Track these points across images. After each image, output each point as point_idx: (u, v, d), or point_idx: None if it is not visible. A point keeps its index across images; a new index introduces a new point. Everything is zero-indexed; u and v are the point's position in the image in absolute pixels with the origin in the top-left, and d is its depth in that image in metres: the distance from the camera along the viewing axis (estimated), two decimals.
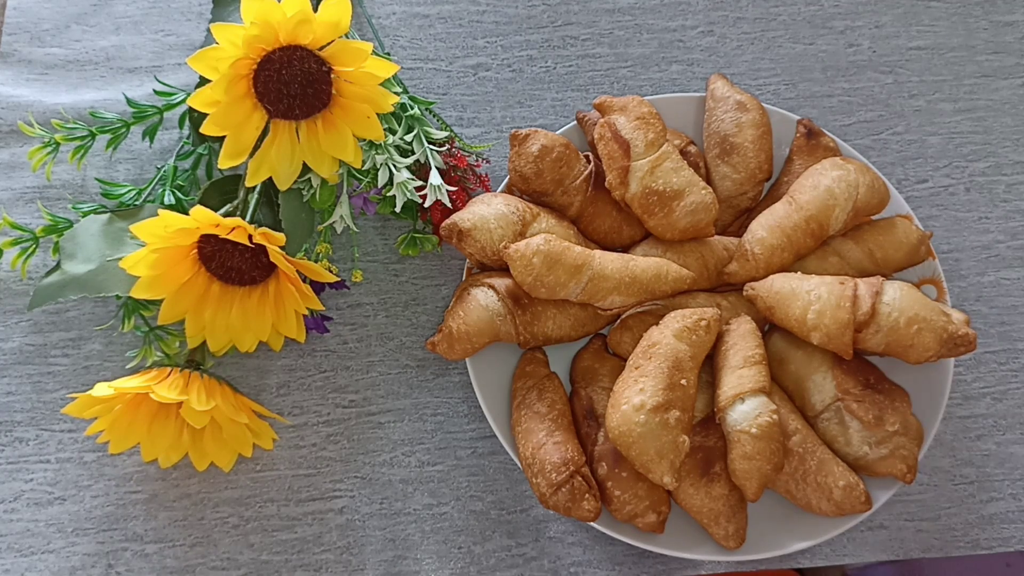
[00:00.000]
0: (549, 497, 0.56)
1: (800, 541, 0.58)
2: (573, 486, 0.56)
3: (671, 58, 0.79)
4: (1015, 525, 0.63)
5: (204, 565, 0.61)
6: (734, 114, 0.67)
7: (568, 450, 0.57)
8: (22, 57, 0.76)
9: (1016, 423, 0.66)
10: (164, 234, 0.54)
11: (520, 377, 0.62)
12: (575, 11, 0.80)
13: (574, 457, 0.56)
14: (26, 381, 0.65)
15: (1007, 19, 0.82)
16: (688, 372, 0.57)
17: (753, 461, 0.55)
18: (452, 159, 0.65)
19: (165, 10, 0.78)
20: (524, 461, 0.58)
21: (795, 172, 0.68)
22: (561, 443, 0.57)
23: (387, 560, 0.61)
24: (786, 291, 0.60)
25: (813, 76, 0.79)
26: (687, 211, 0.62)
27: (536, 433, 0.58)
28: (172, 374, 0.56)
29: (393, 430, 0.65)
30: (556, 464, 0.56)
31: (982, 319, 0.70)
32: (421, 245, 0.67)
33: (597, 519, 0.56)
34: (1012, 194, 0.74)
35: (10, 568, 0.60)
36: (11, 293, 0.68)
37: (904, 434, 0.58)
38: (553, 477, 0.56)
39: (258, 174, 0.58)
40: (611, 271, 0.60)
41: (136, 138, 0.72)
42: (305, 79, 0.56)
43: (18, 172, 0.72)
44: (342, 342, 0.67)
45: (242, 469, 0.63)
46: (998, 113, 0.78)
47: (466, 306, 0.61)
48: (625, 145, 0.62)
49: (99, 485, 0.62)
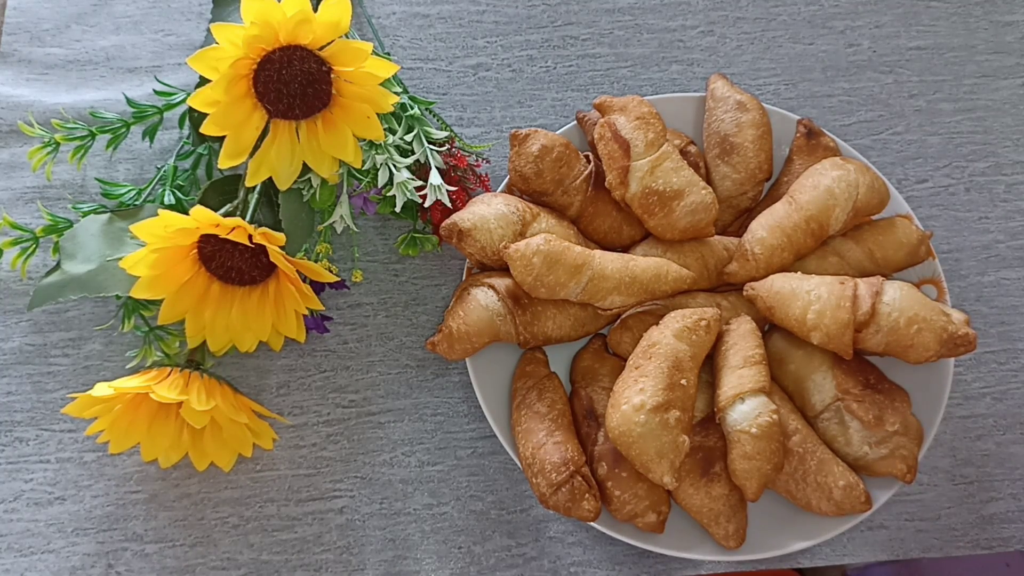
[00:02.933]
0: (549, 497, 0.56)
1: (800, 541, 0.58)
2: (573, 486, 0.56)
3: (671, 58, 0.79)
4: (1015, 525, 0.63)
5: (204, 565, 0.61)
6: (734, 114, 0.67)
7: (568, 450, 0.57)
8: (22, 57, 0.76)
9: (1016, 423, 0.66)
10: (164, 234, 0.54)
11: (520, 377, 0.62)
12: (575, 11, 0.80)
13: (574, 457, 0.56)
14: (26, 381, 0.65)
15: (1007, 19, 0.82)
16: (688, 372, 0.57)
17: (753, 461, 0.55)
18: (452, 159, 0.65)
19: (165, 10, 0.78)
20: (524, 461, 0.58)
21: (795, 172, 0.68)
22: (561, 443, 0.57)
23: (387, 560, 0.61)
24: (786, 291, 0.60)
25: (813, 76, 0.79)
26: (687, 211, 0.62)
27: (536, 433, 0.58)
28: (172, 374, 0.56)
29: (393, 430, 0.65)
30: (556, 464, 0.56)
31: (982, 319, 0.70)
32: (421, 245, 0.67)
33: (597, 519, 0.56)
34: (1012, 194, 0.74)
35: (10, 568, 0.60)
36: (11, 293, 0.68)
37: (904, 434, 0.58)
38: (553, 477, 0.56)
39: (258, 174, 0.58)
40: (611, 271, 0.60)
41: (136, 138, 0.72)
42: (305, 79, 0.56)
43: (18, 172, 0.72)
44: (342, 342, 0.67)
45: (242, 469, 0.63)
46: (998, 113, 0.77)
47: (466, 306, 0.61)
48: (625, 145, 0.62)
49: (99, 485, 0.62)
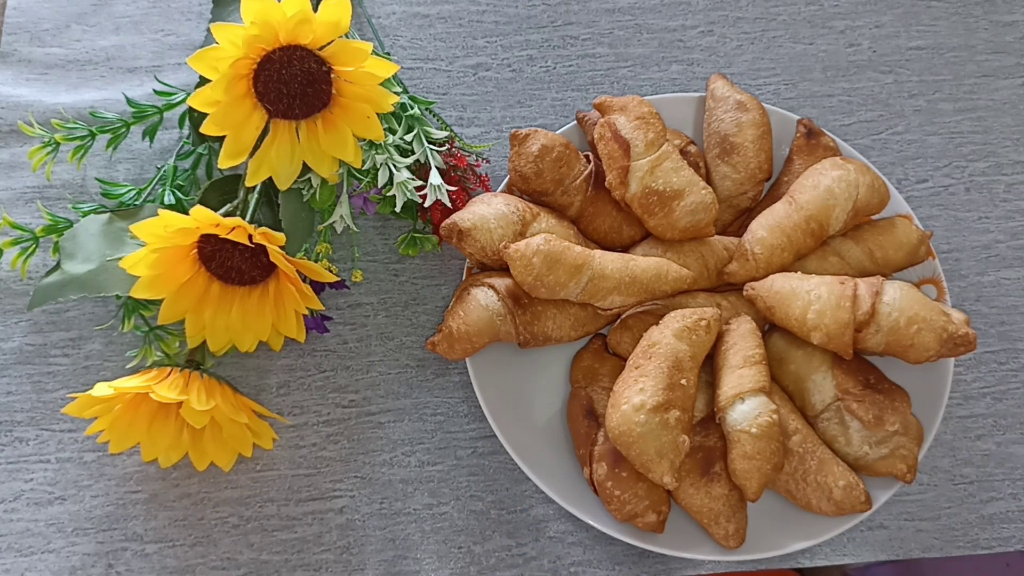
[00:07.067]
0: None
1: (800, 541, 0.58)
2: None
3: (671, 58, 0.79)
4: (1015, 525, 0.63)
5: (204, 565, 0.61)
6: (734, 114, 0.67)
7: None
8: (22, 57, 0.76)
9: (1016, 423, 0.66)
10: (164, 234, 0.54)
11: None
12: (575, 11, 0.80)
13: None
14: (26, 381, 0.65)
15: (1007, 19, 0.82)
16: (688, 372, 0.57)
17: (753, 461, 0.55)
18: (452, 159, 0.65)
19: (165, 10, 0.78)
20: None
21: (795, 172, 0.68)
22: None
23: (387, 560, 0.61)
24: (786, 291, 0.60)
25: (813, 76, 0.79)
26: (687, 211, 0.62)
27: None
28: (172, 374, 0.56)
29: (393, 430, 0.65)
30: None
31: (982, 319, 0.70)
32: (421, 245, 0.67)
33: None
34: (1012, 194, 0.74)
35: (10, 568, 0.60)
36: (11, 293, 0.68)
37: (904, 434, 0.58)
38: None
39: (258, 174, 0.58)
40: (611, 271, 0.60)
41: (136, 138, 0.72)
42: (305, 79, 0.56)
43: (18, 172, 0.72)
44: (342, 342, 0.67)
45: (242, 469, 0.63)
46: (998, 113, 0.77)
47: (466, 306, 0.61)
48: (625, 145, 0.62)
49: (99, 485, 0.62)
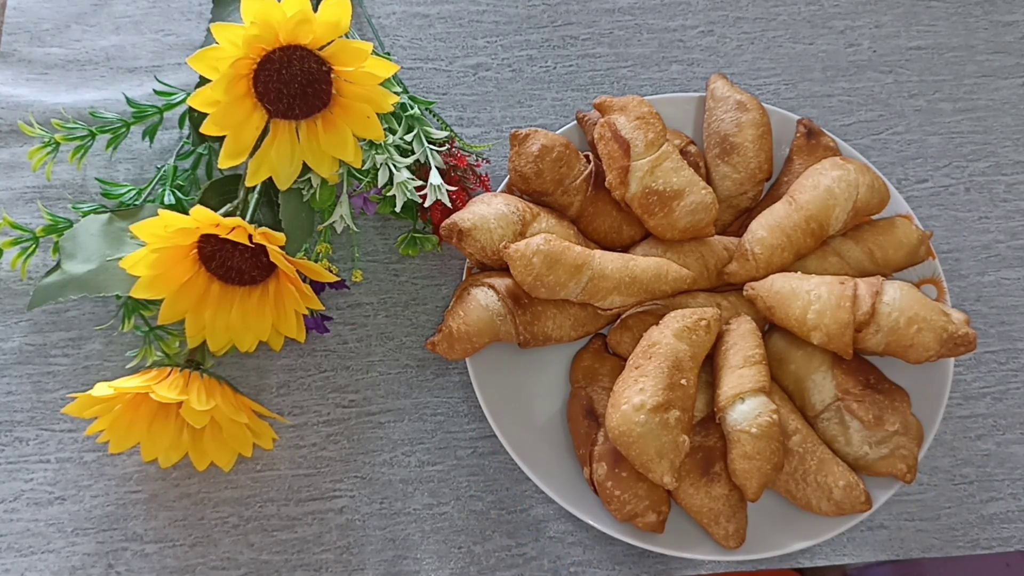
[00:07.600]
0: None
1: (800, 541, 0.58)
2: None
3: (671, 58, 0.79)
4: (1015, 525, 0.63)
5: (204, 565, 0.61)
6: (734, 114, 0.67)
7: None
8: (22, 57, 0.76)
9: (1016, 423, 0.66)
10: (164, 234, 0.54)
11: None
12: (575, 11, 0.80)
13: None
14: (26, 381, 0.65)
15: (1007, 19, 0.82)
16: (688, 372, 0.57)
17: (753, 461, 0.55)
18: (452, 159, 0.65)
19: (165, 10, 0.78)
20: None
21: (795, 172, 0.68)
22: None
23: (387, 560, 0.61)
24: (786, 291, 0.60)
25: (813, 76, 0.78)
26: (687, 211, 0.62)
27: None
28: (172, 374, 0.56)
29: (393, 430, 0.65)
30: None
31: (982, 319, 0.70)
32: (421, 245, 0.67)
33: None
34: (1012, 194, 0.74)
35: (10, 568, 0.60)
36: (11, 293, 0.68)
37: (904, 434, 0.58)
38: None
39: (258, 174, 0.58)
40: (611, 271, 0.60)
41: (136, 138, 0.72)
42: (305, 79, 0.56)
43: (18, 172, 0.72)
44: (342, 342, 0.67)
45: (242, 469, 0.63)
46: (998, 113, 0.77)
47: (466, 306, 0.61)
48: (625, 145, 0.62)
49: (99, 485, 0.62)
